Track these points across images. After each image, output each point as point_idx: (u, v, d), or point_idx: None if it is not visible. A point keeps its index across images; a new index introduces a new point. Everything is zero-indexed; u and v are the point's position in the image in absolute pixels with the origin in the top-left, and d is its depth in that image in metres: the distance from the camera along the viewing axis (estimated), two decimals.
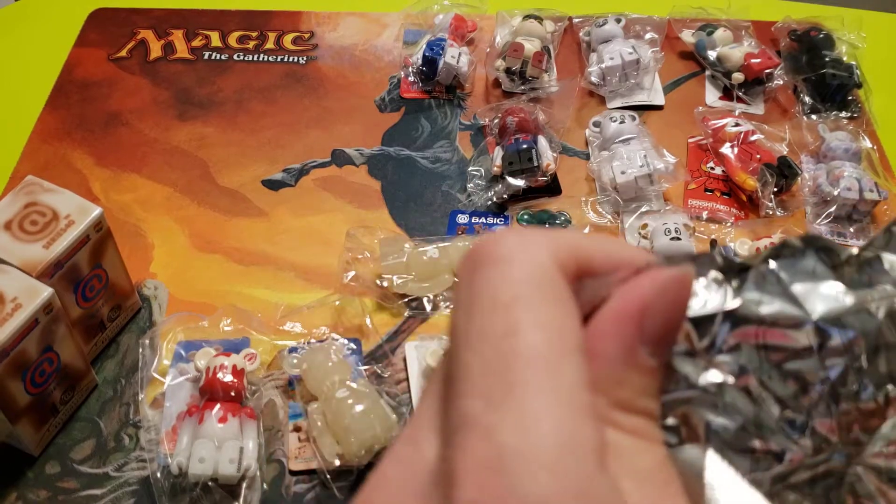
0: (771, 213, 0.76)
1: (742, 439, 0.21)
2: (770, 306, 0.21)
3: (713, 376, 0.21)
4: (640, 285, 0.21)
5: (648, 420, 0.21)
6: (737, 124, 0.81)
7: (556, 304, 0.20)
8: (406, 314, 0.69)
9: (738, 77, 0.86)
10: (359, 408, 0.57)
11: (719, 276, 0.22)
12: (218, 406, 0.57)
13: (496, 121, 0.81)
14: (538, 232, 0.22)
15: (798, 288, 0.22)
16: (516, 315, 0.20)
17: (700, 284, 0.22)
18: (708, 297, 0.22)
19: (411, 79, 0.88)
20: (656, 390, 0.21)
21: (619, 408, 0.21)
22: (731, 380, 0.21)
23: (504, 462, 0.18)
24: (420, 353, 0.64)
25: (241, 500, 0.57)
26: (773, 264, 0.22)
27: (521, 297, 0.20)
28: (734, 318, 0.21)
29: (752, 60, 0.86)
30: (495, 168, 0.77)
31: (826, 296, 0.21)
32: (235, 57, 0.91)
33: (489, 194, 0.77)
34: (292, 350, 0.64)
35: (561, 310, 0.20)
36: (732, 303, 0.21)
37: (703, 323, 0.22)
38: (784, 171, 0.76)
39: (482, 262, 0.21)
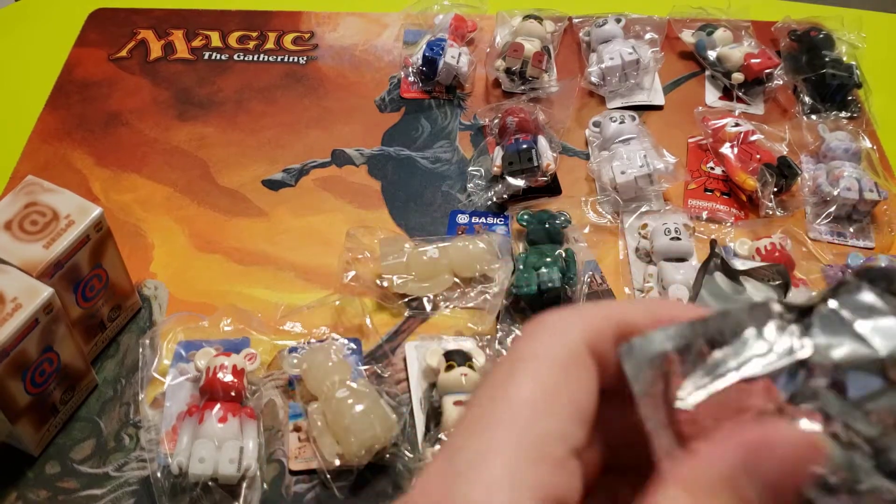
0: (771, 213, 0.76)
1: (842, 483, 0.21)
2: (840, 349, 0.22)
3: (801, 426, 0.22)
4: (768, 455, 0.21)
5: None
6: (737, 124, 0.81)
7: (563, 370, 0.22)
8: (406, 314, 0.69)
9: (738, 77, 0.86)
10: (359, 408, 0.57)
11: (782, 322, 0.22)
12: (218, 406, 0.57)
13: (496, 121, 0.81)
14: (579, 307, 0.24)
15: (861, 326, 0.22)
16: (522, 367, 0.22)
17: (765, 334, 0.22)
18: (775, 346, 0.22)
19: (411, 79, 0.88)
20: None
21: None
22: (818, 427, 0.22)
23: (453, 478, 0.21)
24: (420, 353, 0.64)
25: (241, 500, 0.57)
26: (832, 303, 0.22)
27: (535, 357, 0.23)
28: (808, 366, 0.22)
29: (752, 60, 0.86)
30: (495, 168, 0.77)
31: (888, 331, 0.22)
32: (235, 57, 0.91)
33: (489, 194, 0.77)
34: (292, 350, 0.64)
35: (567, 376, 0.22)
36: (804, 352, 0.22)
37: (778, 376, 0.22)
38: (784, 171, 0.76)
39: (524, 332, 0.24)
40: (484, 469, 0.21)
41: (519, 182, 0.75)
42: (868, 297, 0.22)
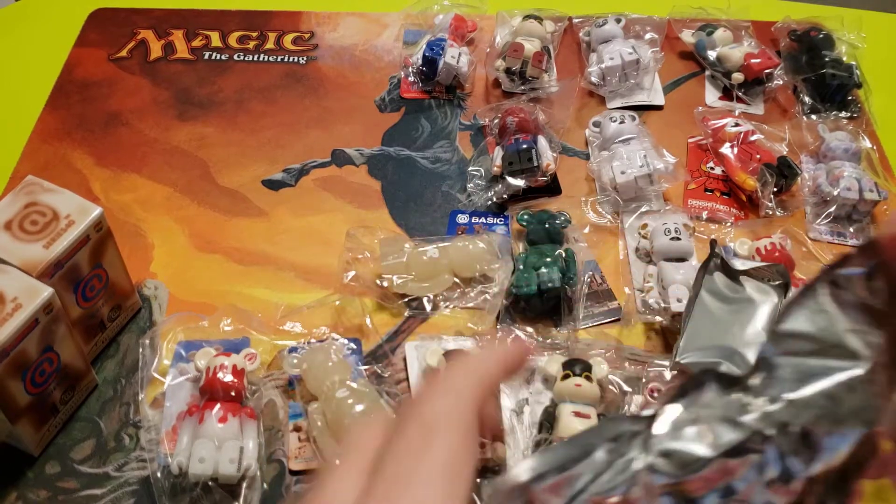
0: (771, 213, 0.76)
1: None
2: (675, 458, 0.25)
3: None
4: None
5: None
6: (737, 124, 0.81)
7: (465, 434, 0.29)
8: (406, 314, 0.69)
9: (737, 77, 0.86)
10: (359, 408, 0.57)
11: (630, 434, 0.25)
12: (218, 406, 0.57)
13: (496, 121, 0.81)
14: (465, 374, 0.31)
15: (696, 427, 0.25)
16: (433, 438, 0.28)
17: (612, 451, 0.25)
18: (620, 461, 0.25)
19: (411, 79, 0.88)
20: None
21: None
22: None
23: None
24: (420, 353, 0.64)
25: (241, 500, 0.57)
26: (674, 408, 0.25)
27: (441, 426, 0.29)
28: (656, 471, 0.25)
29: (752, 60, 0.86)
30: (495, 168, 0.77)
31: (720, 430, 0.25)
32: (235, 57, 0.91)
33: (489, 194, 0.77)
34: (292, 350, 0.64)
35: (465, 439, 0.29)
36: (640, 463, 0.25)
37: (630, 487, 0.25)
38: (784, 171, 0.76)
39: (421, 393, 0.30)
40: None
41: (519, 182, 0.75)
42: (709, 394, 0.25)
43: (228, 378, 0.58)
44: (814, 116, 0.84)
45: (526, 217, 0.71)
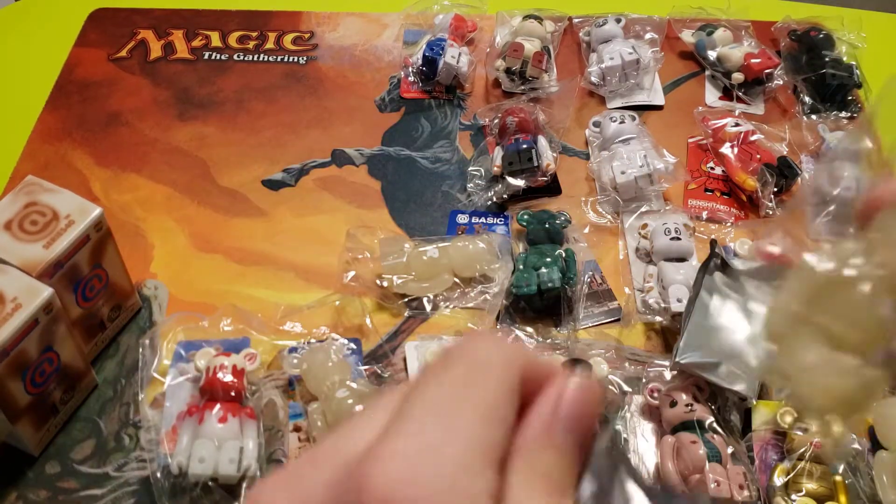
0: (771, 213, 0.76)
1: None
2: None
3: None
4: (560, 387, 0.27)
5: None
6: (737, 124, 0.81)
7: (511, 389, 0.25)
8: (406, 314, 0.68)
9: (738, 77, 0.86)
10: (359, 408, 0.57)
11: None
12: (218, 406, 0.57)
13: (496, 121, 0.81)
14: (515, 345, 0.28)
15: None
16: (486, 376, 0.25)
17: None
18: None
19: (411, 79, 0.88)
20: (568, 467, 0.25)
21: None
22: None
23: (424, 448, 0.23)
24: (420, 353, 0.64)
25: (241, 500, 0.57)
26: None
27: (495, 367, 0.25)
28: None
29: (752, 60, 0.86)
30: (495, 168, 0.77)
31: None
32: (235, 57, 0.91)
33: (489, 194, 0.77)
34: (292, 350, 0.64)
35: (512, 393, 0.25)
36: None
37: None
38: (784, 171, 0.76)
39: (467, 339, 0.26)
40: (452, 446, 0.23)
41: (519, 182, 0.75)
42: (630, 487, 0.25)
43: (228, 378, 0.58)
44: (814, 116, 0.84)
45: (526, 217, 0.71)
